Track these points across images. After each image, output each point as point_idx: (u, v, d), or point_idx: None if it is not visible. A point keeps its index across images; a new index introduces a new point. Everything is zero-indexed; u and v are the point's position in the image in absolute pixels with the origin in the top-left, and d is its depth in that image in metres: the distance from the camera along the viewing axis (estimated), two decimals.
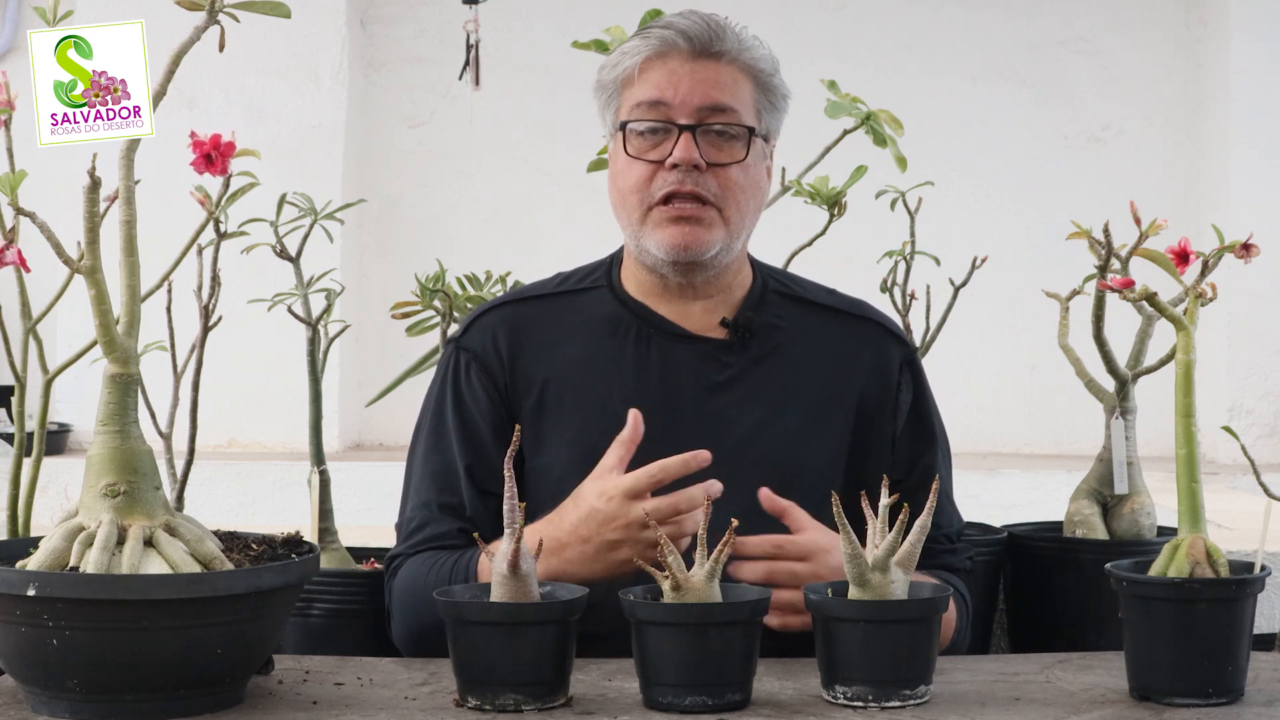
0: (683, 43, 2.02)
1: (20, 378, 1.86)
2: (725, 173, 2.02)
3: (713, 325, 2.09)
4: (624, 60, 2.05)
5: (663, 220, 2.02)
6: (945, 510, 2.11)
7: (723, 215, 2.02)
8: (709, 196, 2.01)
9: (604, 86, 2.09)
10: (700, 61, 2.02)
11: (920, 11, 5.90)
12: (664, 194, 2.01)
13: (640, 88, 2.03)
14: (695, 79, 2.01)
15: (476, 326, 2.12)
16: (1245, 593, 1.62)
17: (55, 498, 4.26)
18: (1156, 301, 1.74)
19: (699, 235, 2.01)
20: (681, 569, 1.61)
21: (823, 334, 2.12)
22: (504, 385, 2.07)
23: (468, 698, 1.60)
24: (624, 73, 2.05)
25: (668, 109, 2.01)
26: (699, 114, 2.01)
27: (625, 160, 2.04)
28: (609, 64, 2.08)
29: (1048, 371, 5.64)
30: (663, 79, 2.02)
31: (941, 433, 2.15)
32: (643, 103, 2.02)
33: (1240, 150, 5.53)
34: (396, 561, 2.05)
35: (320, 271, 2.36)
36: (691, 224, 2.01)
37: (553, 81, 5.68)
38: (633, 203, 2.04)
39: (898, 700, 1.61)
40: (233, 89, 5.41)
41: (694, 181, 2.00)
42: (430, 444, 2.09)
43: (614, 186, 2.08)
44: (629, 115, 2.04)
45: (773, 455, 2.04)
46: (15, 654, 1.54)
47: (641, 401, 2.00)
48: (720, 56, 2.03)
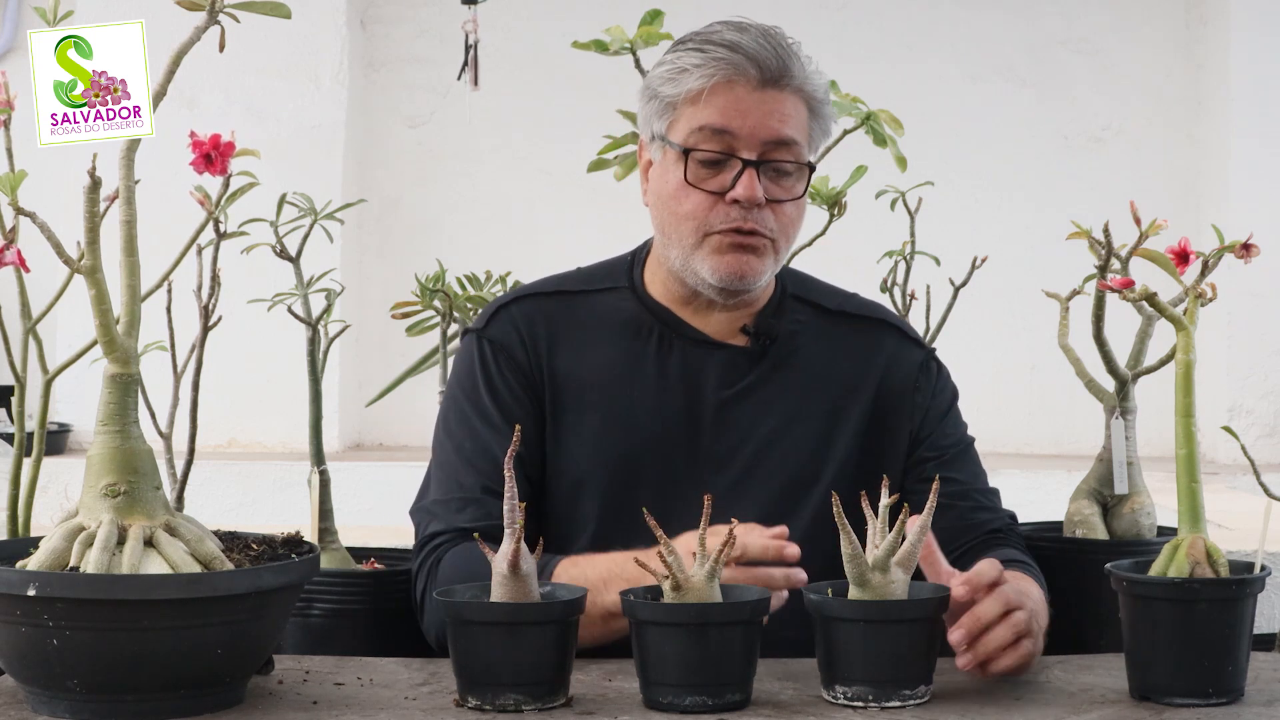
0: (753, 70, 1.97)
1: (20, 378, 1.86)
2: (782, 209, 2.01)
3: (734, 332, 2.09)
4: (686, 78, 1.99)
5: (721, 247, 2.00)
6: (982, 476, 2.15)
7: (774, 247, 2.02)
8: (766, 232, 2.00)
9: (658, 96, 2.03)
10: (767, 91, 1.98)
11: (920, 11, 5.90)
12: (725, 229, 1.99)
13: (705, 111, 1.98)
14: (762, 110, 1.98)
15: (498, 319, 2.11)
16: (1245, 593, 1.62)
17: (55, 498, 4.26)
18: (1156, 301, 1.74)
19: (754, 266, 2.01)
20: (681, 569, 1.61)
21: (840, 339, 2.12)
22: (530, 376, 2.07)
23: (468, 698, 1.60)
24: (686, 91, 2.00)
25: (732, 139, 1.98)
26: (763, 148, 1.98)
27: (682, 185, 2.00)
28: (666, 76, 2.02)
29: (1048, 371, 5.64)
30: (729, 106, 1.98)
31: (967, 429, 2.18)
32: (707, 128, 1.98)
33: (1240, 150, 5.52)
34: (438, 541, 2.00)
35: (320, 271, 2.36)
36: (748, 254, 2.00)
37: (553, 81, 5.68)
38: (688, 229, 2.01)
39: (898, 700, 1.61)
40: (233, 89, 5.41)
41: (755, 219, 1.99)
42: (465, 429, 2.05)
43: (665, 207, 2.04)
44: (690, 139, 1.99)
45: (791, 461, 2.05)
46: (15, 654, 1.54)
47: (662, 406, 2.01)
48: (786, 86, 1.99)
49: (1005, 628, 1.68)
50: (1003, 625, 1.68)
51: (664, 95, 2.02)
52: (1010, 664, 1.69)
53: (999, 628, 1.68)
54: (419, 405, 2.11)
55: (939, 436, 2.12)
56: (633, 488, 2.00)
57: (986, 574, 1.69)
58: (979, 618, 1.67)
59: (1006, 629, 1.68)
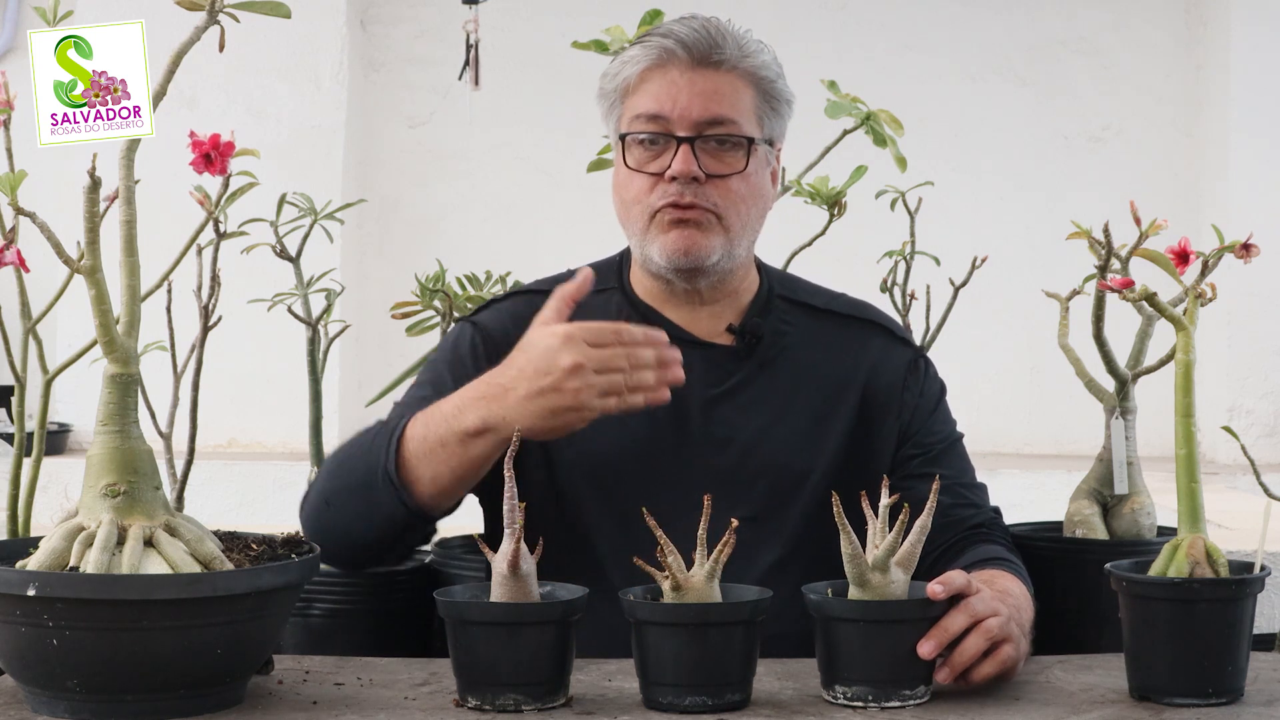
0: (681, 52, 2.00)
1: (20, 378, 1.86)
2: (726, 183, 2.01)
3: (719, 331, 2.09)
4: (624, 69, 2.04)
5: (664, 225, 2.01)
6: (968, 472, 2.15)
7: (723, 223, 2.02)
8: (709, 207, 2.00)
9: (605, 95, 2.08)
10: (700, 71, 2.00)
11: (920, 11, 5.90)
12: (664, 204, 2.00)
13: (639, 98, 2.02)
14: (694, 90, 2.00)
15: (492, 310, 2.13)
16: (1245, 593, 1.62)
17: (55, 498, 4.26)
18: (1156, 301, 1.74)
19: (697, 240, 2.01)
20: (681, 569, 1.61)
21: (827, 338, 2.12)
22: None
23: (468, 698, 1.60)
24: (623, 82, 2.04)
25: (667, 121, 2.00)
26: (697, 126, 2.00)
27: (626, 172, 2.04)
28: (610, 72, 2.07)
29: (1048, 371, 5.65)
30: (661, 90, 2.01)
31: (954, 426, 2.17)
32: (642, 114, 2.01)
33: (1240, 150, 5.53)
34: None
35: (320, 271, 2.36)
36: (690, 228, 2.00)
37: (553, 81, 5.69)
38: (635, 213, 2.04)
39: (898, 700, 1.61)
40: (233, 89, 5.41)
41: (693, 193, 1.99)
42: (424, 388, 2.07)
43: (617, 196, 2.08)
44: (628, 127, 2.03)
45: (778, 460, 2.04)
46: (15, 654, 1.54)
47: (648, 408, 2.01)
48: (720, 65, 2.01)
49: (978, 636, 1.66)
50: (975, 634, 1.66)
51: (608, 91, 2.07)
52: (991, 671, 1.67)
53: (971, 637, 1.65)
54: None
55: (925, 434, 2.12)
56: (620, 487, 2.00)
57: (955, 581, 1.66)
58: (946, 630, 1.64)
59: (979, 638, 1.66)
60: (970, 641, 1.65)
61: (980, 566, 1.95)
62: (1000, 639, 1.68)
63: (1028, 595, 1.90)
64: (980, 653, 1.66)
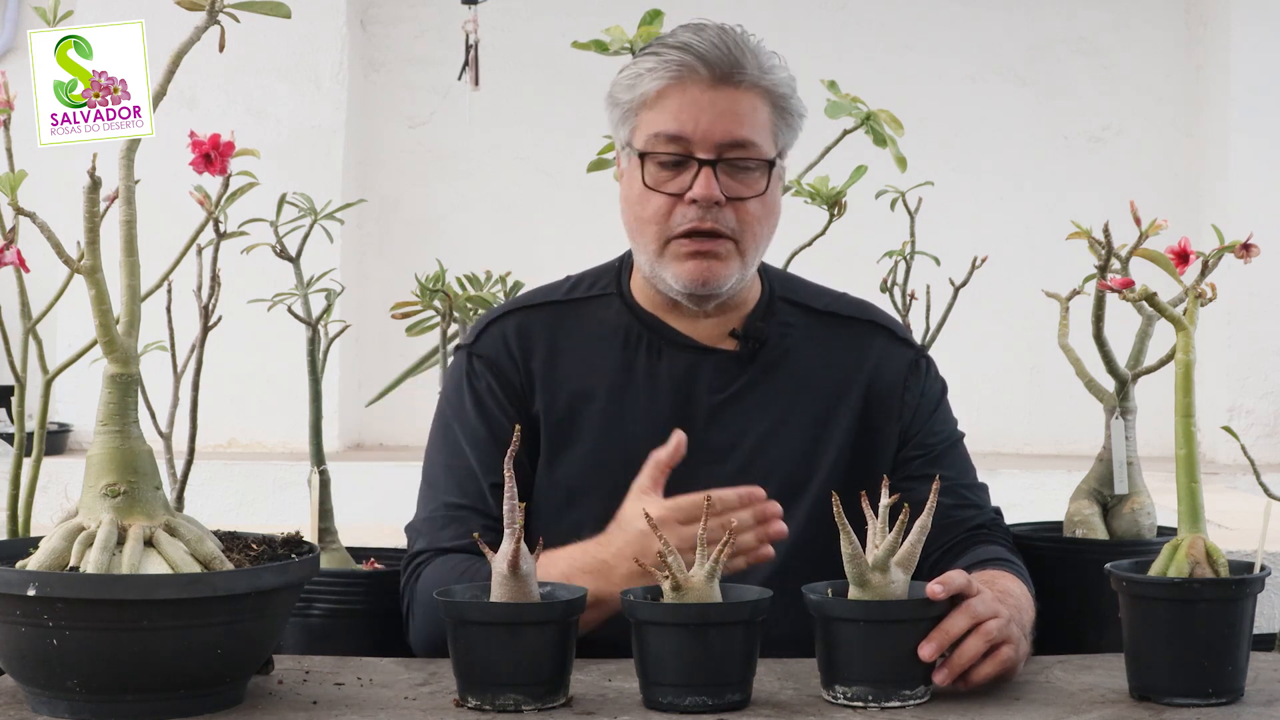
0: (703, 69, 1.97)
1: (20, 378, 1.86)
2: (744, 206, 2.00)
3: (723, 336, 2.09)
4: (640, 83, 2.00)
5: (681, 254, 2.00)
6: (969, 472, 2.15)
7: (739, 248, 2.01)
8: (727, 231, 1.99)
9: (618, 104, 2.04)
10: (720, 90, 1.98)
11: (920, 11, 5.90)
12: (684, 230, 1.99)
13: (658, 115, 1.99)
14: (716, 110, 1.97)
15: (488, 334, 2.11)
16: (1245, 593, 1.62)
17: (55, 498, 4.26)
18: (1156, 301, 1.74)
19: (716, 270, 2.00)
20: (681, 569, 1.61)
21: (828, 340, 2.12)
22: (519, 391, 2.07)
23: (468, 698, 1.60)
24: (640, 95, 2.01)
25: (688, 143, 1.98)
26: (719, 149, 1.98)
27: (642, 189, 2.01)
28: (624, 82, 2.03)
29: (1048, 371, 5.65)
30: (682, 110, 1.98)
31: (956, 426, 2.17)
32: (661, 134, 1.99)
33: (1240, 150, 5.53)
34: (419, 559, 2.02)
35: (320, 271, 2.36)
36: (709, 259, 2.00)
37: (552, 81, 5.69)
38: (650, 233, 2.02)
39: (898, 700, 1.61)
40: (233, 89, 5.41)
41: (713, 218, 1.98)
42: (451, 448, 2.06)
43: (630, 212, 2.05)
44: (647, 144, 2.00)
45: (783, 464, 2.04)
46: (15, 654, 1.54)
47: (653, 414, 2.01)
48: (740, 84, 1.99)
49: (977, 638, 1.65)
50: (974, 636, 1.65)
51: (623, 102, 2.04)
52: (991, 672, 1.67)
53: (971, 639, 1.65)
54: (419, 405, 2.11)
55: (926, 434, 2.11)
56: (623, 493, 2.00)
57: (955, 581, 1.66)
58: (947, 632, 1.64)
59: (979, 640, 1.65)
60: (970, 643, 1.65)
61: (981, 567, 1.95)
62: (1000, 640, 1.68)
63: (1028, 596, 1.90)
64: (980, 654, 1.66)
